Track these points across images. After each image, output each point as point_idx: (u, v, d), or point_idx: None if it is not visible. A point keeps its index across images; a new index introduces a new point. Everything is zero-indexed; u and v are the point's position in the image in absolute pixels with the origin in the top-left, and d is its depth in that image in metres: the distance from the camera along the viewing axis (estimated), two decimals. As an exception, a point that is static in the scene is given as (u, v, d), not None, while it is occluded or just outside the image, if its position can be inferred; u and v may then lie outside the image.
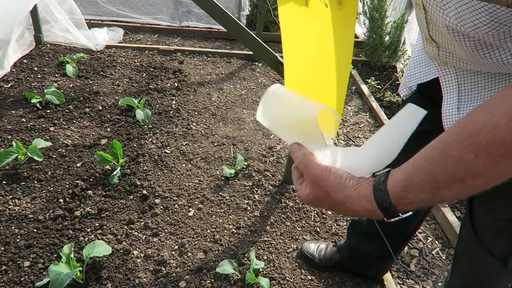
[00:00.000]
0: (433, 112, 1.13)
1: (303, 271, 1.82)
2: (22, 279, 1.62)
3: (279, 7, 0.90)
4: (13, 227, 1.84)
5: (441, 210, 2.20)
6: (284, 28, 0.90)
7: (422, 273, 1.95)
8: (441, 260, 2.02)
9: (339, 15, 0.90)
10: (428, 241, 2.13)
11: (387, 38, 3.84)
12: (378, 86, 3.45)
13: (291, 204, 2.17)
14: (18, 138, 2.37)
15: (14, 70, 3.10)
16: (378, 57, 3.82)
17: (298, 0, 0.90)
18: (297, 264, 1.85)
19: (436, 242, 2.13)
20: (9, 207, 1.94)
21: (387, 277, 1.82)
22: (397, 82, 3.59)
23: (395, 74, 3.70)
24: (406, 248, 2.08)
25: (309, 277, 1.80)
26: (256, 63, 3.80)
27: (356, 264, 1.77)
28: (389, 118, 3.02)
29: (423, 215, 1.51)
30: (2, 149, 2.24)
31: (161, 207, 2.04)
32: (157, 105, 2.91)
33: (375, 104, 3.21)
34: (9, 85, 2.90)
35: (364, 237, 1.68)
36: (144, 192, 2.10)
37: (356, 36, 4.73)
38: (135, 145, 2.46)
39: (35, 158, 2.15)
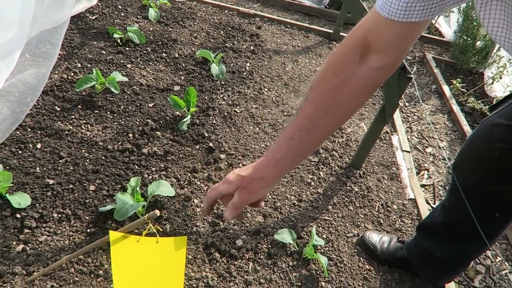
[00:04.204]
0: None
1: (361, 259, 1.72)
2: (86, 201, 1.63)
3: (111, 247, 1.11)
4: (83, 150, 1.85)
5: (517, 231, 2.01)
6: (115, 258, 1.11)
7: (486, 292, 1.80)
8: (509, 283, 1.85)
9: (166, 246, 1.14)
10: (497, 260, 1.96)
11: (478, 42, 3.55)
12: (463, 90, 3.20)
13: (356, 189, 2.05)
14: (96, 68, 2.39)
15: (100, 4, 3.14)
16: (466, 60, 3.55)
17: (130, 239, 1.12)
18: (355, 250, 1.75)
19: (506, 263, 1.95)
20: (82, 131, 1.96)
21: (451, 286, 1.69)
22: (483, 90, 3.32)
23: (482, 81, 3.42)
24: (471, 262, 1.93)
25: (367, 267, 1.70)
26: (334, 42, 3.64)
27: (429, 270, 1.62)
28: (470, 125, 2.80)
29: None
30: (81, 75, 2.27)
31: (226, 162, 2.00)
32: (232, 64, 2.85)
33: (455, 108, 2.98)
34: (94, 17, 2.94)
35: (439, 240, 1.54)
36: (211, 144, 2.06)
37: (441, 35, 4.44)
38: (206, 98, 2.42)
39: (112, 89, 2.16)
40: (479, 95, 3.27)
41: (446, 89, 3.22)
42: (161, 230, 1.58)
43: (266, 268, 1.57)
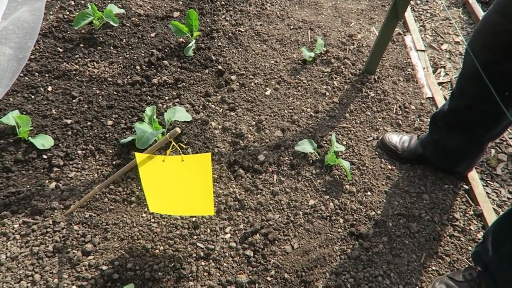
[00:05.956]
0: None
1: (383, 160, 1.74)
2: (107, 135, 1.65)
3: (139, 168, 1.16)
4: (94, 88, 1.84)
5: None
6: (143, 174, 1.18)
7: (509, 178, 1.82)
8: (531, 168, 1.87)
9: (191, 163, 1.16)
10: (519, 147, 1.96)
11: None
12: (478, -22, 2.98)
13: (372, 94, 2.02)
14: (91, 3, 2.29)
15: None
16: None
17: (155, 159, 1.16)
18: (376, 153, 1.77)
19: (528, 149, 1.95)
20: (89, 69, 1.93)
21: (473, 175, 1.72)
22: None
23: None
24: (493, 151, 1.93)
25: (389, 167, 1.72)
26: None
27: (443, 160, 1.66)
28: (487, 15, 2.65)
29: None
30: (77, 13, 2.19)
31: (237, 83, 1.97)
32: (229, -18, 2.69)
33: (471, -1, 2.81)
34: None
35: (448, 131, 1.54)
36: (220, 67, 2.02)
37: None
38: (208, 20, 2.32)
39: (111, 23, 2.08)
40: (496, -18, 3.05)
41: (459, -20, 3.01)
42: (184, 147, 1.62)
43: (291, 178, 1.61)
